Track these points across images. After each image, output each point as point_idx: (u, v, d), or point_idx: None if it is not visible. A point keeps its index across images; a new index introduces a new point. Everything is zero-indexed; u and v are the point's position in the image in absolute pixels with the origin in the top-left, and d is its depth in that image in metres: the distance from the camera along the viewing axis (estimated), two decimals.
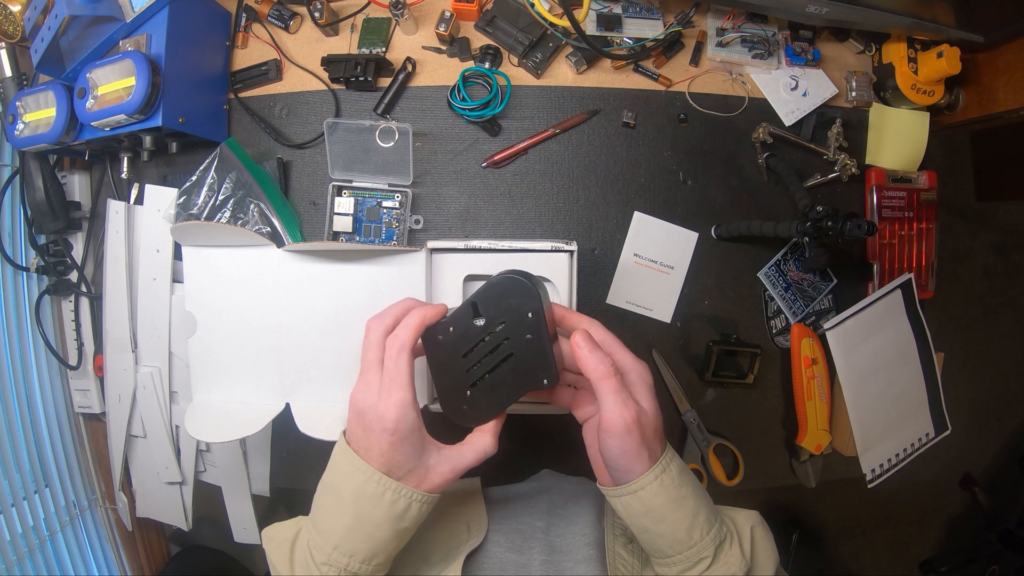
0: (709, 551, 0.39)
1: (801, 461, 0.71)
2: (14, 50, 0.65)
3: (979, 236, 0.77)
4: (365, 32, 0.66)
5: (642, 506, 0.39)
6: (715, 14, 0.67)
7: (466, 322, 0.40)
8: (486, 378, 0.41)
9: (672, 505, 0.39)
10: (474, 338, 0.40)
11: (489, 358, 0.40)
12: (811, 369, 0.68)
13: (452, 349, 0.41)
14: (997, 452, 0.89)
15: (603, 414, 0.38)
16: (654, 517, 0.39)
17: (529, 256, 0.52)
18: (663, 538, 0.40)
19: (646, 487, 0.39)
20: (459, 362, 0.41)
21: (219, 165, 0.65)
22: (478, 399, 0.42)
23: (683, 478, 0.40)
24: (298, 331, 0.52)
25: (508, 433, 0.71)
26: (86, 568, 0.74)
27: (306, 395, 0.53)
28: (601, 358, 0.37)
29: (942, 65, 0.64)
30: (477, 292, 0.39)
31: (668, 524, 0.39)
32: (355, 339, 0.46)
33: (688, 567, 0.39)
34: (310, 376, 0.53)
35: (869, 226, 0.51)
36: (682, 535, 0.39)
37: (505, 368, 0.40)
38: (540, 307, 0.38)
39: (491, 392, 0.41)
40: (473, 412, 0.42)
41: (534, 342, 0.38)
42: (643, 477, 0.39)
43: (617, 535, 0.49)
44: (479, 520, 0.50)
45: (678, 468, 0.40)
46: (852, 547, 1.15)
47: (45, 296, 0.72)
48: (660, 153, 0.68)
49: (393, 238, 0.66)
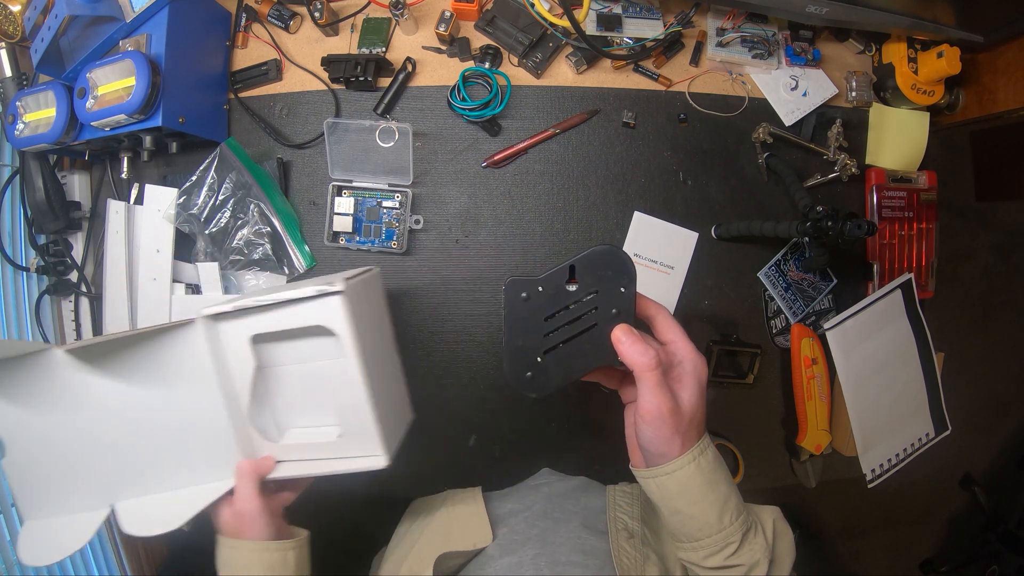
0: (737, 536, 0.40)
1: (801, 461, 0.71)
2: (14, 50, 0.65)
3: (979, 236, 0.77)
4: (365, 32, 0.66)
5: (679, 486, 0.41)
6: (715, 14, 0.67)
7: (559, 284, 0.40)
8: (561, 347, 0.40)
9: (707, 488, 0.40)
10: (562, 302, 0.40)
11: (571, 326, 0.40)
12: (811, 369, 0.68)
13: (536, 310, 0.40)
14: (997, 452, 0.89)
15: (640, 402, 0.39)
16: (689, 498, 0.40)
17: (295, 307, 0.45)
18: (694, 520, 0.41)
19: (683, 468, 0.40)
20: (539, 325, 0.40)
21: (219, 165, 0.65)
22: (548, 366, 0.41)
23: (718, 463, 0.42)
24: (109, 432, 0.47)
25: (508, 432, 0.71)
26: (86, 568, 0.74)
27: (135, 490, 0.48)
28: (642, 351, 0.38)
29: (942, 65, 0.64)
30: (577, 257, 0.39)
31: (701, 506, 0.40)
32: (170, 426, 0.47)
33: (715, 551, 0.41)
34: (138, 470, 0.48)
35: (869, 226, 0.51)
36: (713, 519, 0.40)
37: (584, 339, 0.40)
38: (634, 285, 0.39)
39: (563, 361, 0.41)
40: (538, 379, 0.41)
41: (621, 317, 0.39)
42: (681, 458, 0.40)
43: (619, 530, 0.49)
44: (483, 535, 0.51)
45: (714, 454, 0.42)
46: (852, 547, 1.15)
47: (45, 296, 0.72)
48: (660, 153, 0.68)
49: (393, 238, 0.66)
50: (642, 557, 0.47)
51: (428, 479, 0.70)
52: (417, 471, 0.70)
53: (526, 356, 0.41)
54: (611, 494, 0.54)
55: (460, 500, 0.57)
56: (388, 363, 0.53)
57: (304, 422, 0.51)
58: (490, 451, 0.70)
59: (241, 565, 0.45)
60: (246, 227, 0.66)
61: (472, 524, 0.53)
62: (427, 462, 0.70)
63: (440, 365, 0.68)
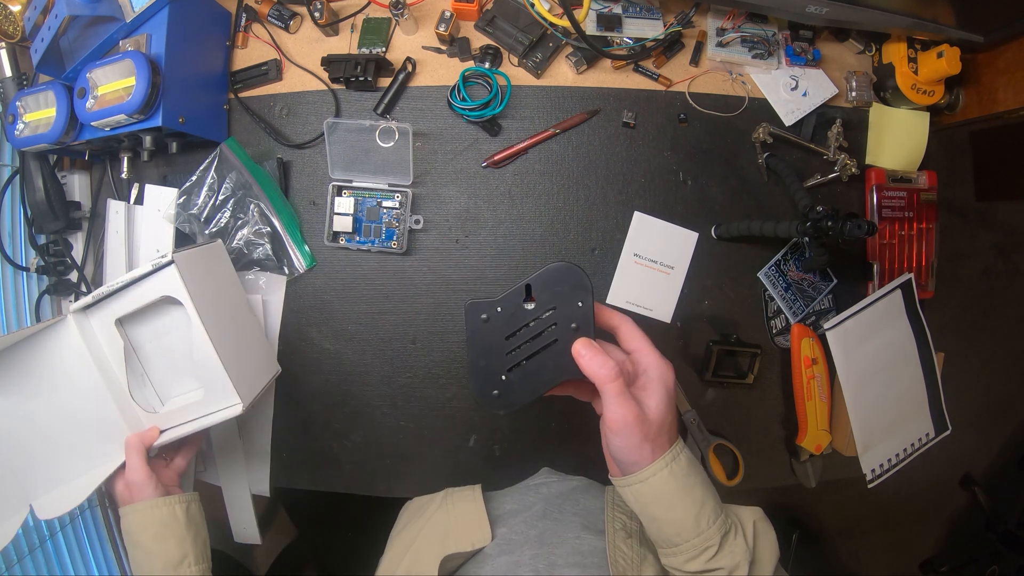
0: (715, 539, 0.40)
1: (801, 461, 0.71)
2: (14, 50, 0.65)
3: (979, 236, 0.77)
4: (365, 32, 0.66)
5: (653, 493, 0.41)
6: (715, 14, 0.67)
7: (516, 304, 0.41)
8: (524, 364, 0.42)
9: (681, 493, 0.40)
10: (520, 321, 0.41)
11: (532, 343, 0.41)
12: (811, 369, 0.68)
13: (497, 330, 0.41)
14: (997, 452, 0.89)
15: (605, 413, 0.39)
16: (664, 505, 0.41)
17: (143, 285, 0.51)
18: (672, 525, 0.41)
19: (656, 474, 0.40)
20: (500, 344, 0.41)
21: (219, 165, 0.65)
22: (513, 383, 0.42)
23: (692, 468, 0.42)
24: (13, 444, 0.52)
25: (508, 432, 0.71)
26: (86, 568, 0.74)
27: (47, 486, 0.54)
28: (601, 363, 0.39)
29: (942, 65, 0.64)
30: (533, 276, 0.40)
31: (677, 512, 0.41)
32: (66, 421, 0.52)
33: (694, 555, 0.41)
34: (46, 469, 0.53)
35: (869, 226, 0.51)
36: (690, 523, 0.40)
37: (546, 355, 0.41)
38: (590, 298, 0.40)
39: (528, 377, 0.42)
40: (504, 397, 0.42)
41: (580, 331, 0.40)
42: (653, 465, 0.40)
43: (617, 529, 0.49)
44: (482, 534, 0.51)
45: (687, 459, 0.42)
46: (852, 547, 1.16)
47: (45, 296, 0.72)
48: (660, 153, 0.68)
49: (393, 238, 0.66)
50: (639, 557, 0.47)
51: (428, 479, 0.70)
52: (417, 471, 0.70)
53: (491, 375, 0.42)
54: (610, 494, 0.54)
55: (460, 499, 0.57)
56: (239, 323, 0.60)
57: (178, 390, 0.57)
58: (490, 451, 0.70)
59: (136, 526, 0.50)
60: (246, 227, 0.66)
61: (471, 523, 0.53)
62: (427, 462, 0.70)
63: (440, 365, 0.68)
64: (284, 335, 0.69)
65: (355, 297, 0.67)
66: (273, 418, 0.70)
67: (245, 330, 0.60)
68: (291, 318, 0.69)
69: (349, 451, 0.69)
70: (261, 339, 0.64)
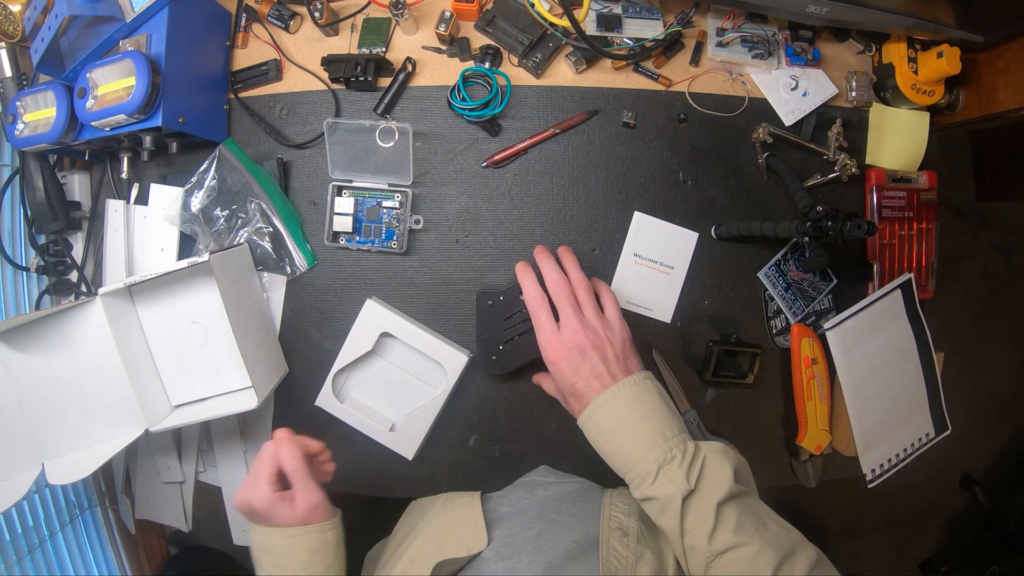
0: (652, 467, 0.43)
1: (801, 461, 0.71)
2: (14, 50, 0.65)
3: (979, 236, 0.77)
4: (365, 32, 0.66)
5: (596, 427, 0.47)
6: (715, 14, 0.67)
7: (515, 296, 0.59)
8: (516, 339, 0.60)
9: (618, 425, 0.46)
10: (515, 308, 0.59)
11: (522, 325, 0.59)
12: (811, 369, 0.68)
13: (497, 313, 0.60)
14: (997, 452, 0.89)
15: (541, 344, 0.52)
16: (608, 438, 0.46)
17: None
18: (616, 456, 0.46)
19: (599, 409, 0.46)
20: (500, 324, 0.60)
21: (219, 165, 0.65)
22: (506, 353, 0.61)
23: (636, 401, 0.46)
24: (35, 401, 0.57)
25: (508, 432, 0.71)
26: (86, 568, 0.74)
27: (60, 449, 0.58)
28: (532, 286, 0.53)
29: (942, 65, 0.64)
30: None
31: (618, 443, 0.46)
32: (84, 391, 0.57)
33: (637, 484, 0.44)
34: (61, 432, 0.58)
35: (869, 226, 0.51)
36: (630, 453, 0.45)
37: (530, 334, 0.55)
38: None
39: (517, 349, 0.60)
40: (499, 362, 0.61)
41: None
42: (595, 401, 0.47)
43: (612, 528, 0.49)
44: (478, 541, 0.51)
45: (632, 393, 0.47)
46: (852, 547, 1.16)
47: (45, 296, 0.72)
48: (660, 153, 0.68)
49: (393, 238, 0.66)
50: (634, 556, 0.47)
51: (428, 479, 0.70)
52: (417, 471, 0.70)
53: (491, 345, 0.61)
54: (608, 497, 0.54)
55: (458, 505, 0.57)
56: (258, 324, 0.64)
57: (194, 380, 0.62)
58: (490, 451, 0.70)
59: (283, 550, 0.46)
60: (247, 226, 0.66)
61: (468, 529, 0.52)
62: (427, 462, 0.70)
63: None
64: (284, 334, 0.69)
65: (355, 297, 0.67)
66: (273, 418, 0.70)
67: (262, 331, 0.65)
68: (291, 318, 0.69)
69: (349, 451, 0.69)
70: (274, 341, 0.68)
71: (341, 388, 0.67)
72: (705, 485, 0.43)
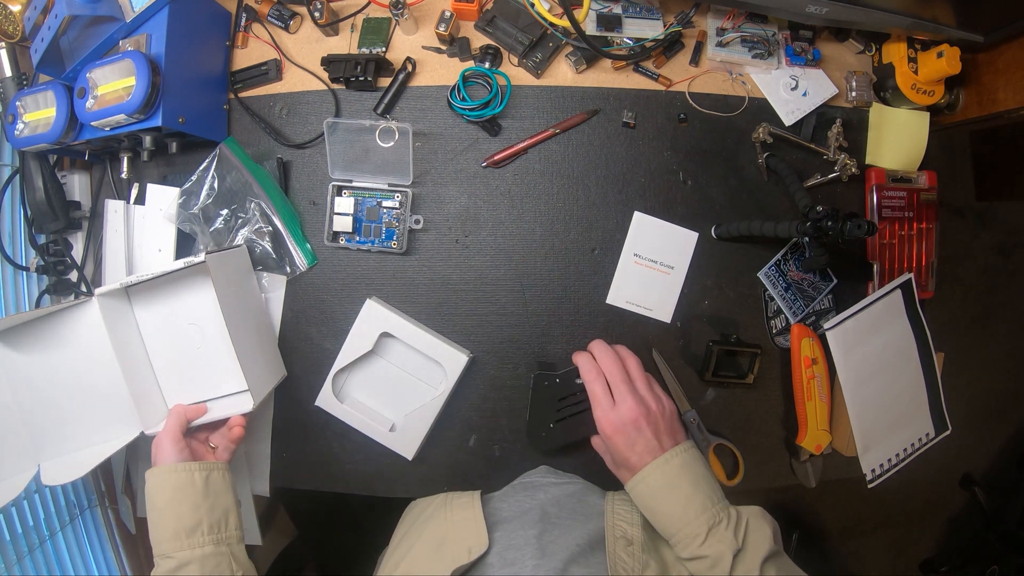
0: (702, 529, 0.46)
1: (801, 461, 0.71)
2: (14, 50, 0.65)
3: (979, 236, 0.77)
4: (365, 32, 0.66)
5: (648, 491, 0.50)
6: (715, 14, 0.67)
7: (571, 379, 0.61)
8: (566, 420, 0.62)
9: (669, 489, 0.49)
10: (569, 390, 0.62)
11: (574, 407, 0.62)
12: (811, 369, 0.68)
13: (552, 394, 0.62)
14: (997, 452, 0.89)
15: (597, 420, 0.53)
16: (659, 500, 0.49)
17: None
18: (665, 517, 0.49)
19: (651, 475, 0.50)
20: (554, 404, 0.62)
21: (219, 165, 0.65)
22: (556, 432, 0.63)
23: (685, 468, 0.50)
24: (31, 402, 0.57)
25: (508, 432, 0.71)
26: (86, 568, 0.74)
27: (56, 451, 0.57)
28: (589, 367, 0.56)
29: (942, 65, 0.64)
30: None
31: (668, 506, 0.49)
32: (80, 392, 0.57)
33: (686, 544, 0.47)
34: (57, 433, 0.58)
35: (869, 226, 0.51)
36: (679, 515, 0.48)
37: (580, 417, 0.61)
38: None
39: (566, 430, 0.62)
40: (549, 438, 0.63)
41: None
42: (647, 468, 0.50)
43: (617, 537, 0.49)
44: (479, 541, 0.52)
45: (682, 461, 0.51)
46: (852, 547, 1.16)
47: (45, 296, 0.72)
48: (660, 153, 0.68)
49: (393, 238, 0.66)
50: (640, 565, 0.47)
51: (428, 479, 0.70)
52: (417, 471, 0.70)
53: (542, 424, 0.63)
54: (610, 503, 0.54)
55: (458, 505, 0.57)
56: (255, 326, 0.64)
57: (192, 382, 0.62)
58: (490, 451, 0.70)
59: (154, 488, 0.51)
60: (247, 226, 0.66)
61: (468, 530, 0.53)
62: (427, 462, 0.70)
63: None
64: (284, 334, 0.69)
65: (355, 297, 0.67)
66: (273, 418, 0.70)
67: (260, 333, 0.65)
68: (291, 318, 0.69)
69: (349, 451, 0.69)
70: (272, 343, 0.68)
71: (341, 388, 0.67)
72: (750, 545, 0.47)
